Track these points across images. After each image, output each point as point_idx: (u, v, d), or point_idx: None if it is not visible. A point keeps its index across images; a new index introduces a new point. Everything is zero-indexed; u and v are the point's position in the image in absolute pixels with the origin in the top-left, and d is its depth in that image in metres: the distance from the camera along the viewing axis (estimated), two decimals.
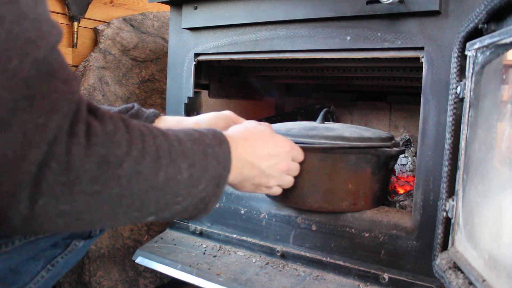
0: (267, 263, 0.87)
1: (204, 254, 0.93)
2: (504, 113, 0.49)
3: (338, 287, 0.77)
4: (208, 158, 0.48)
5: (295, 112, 1.48)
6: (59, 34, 0.37)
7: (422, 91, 0.73)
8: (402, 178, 1.10)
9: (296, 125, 0.84)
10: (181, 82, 1.05)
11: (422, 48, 0.72)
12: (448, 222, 0.61)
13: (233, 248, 0.94)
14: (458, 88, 0.60)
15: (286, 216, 0.87)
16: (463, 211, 0.57)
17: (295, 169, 0.70)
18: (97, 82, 1.27)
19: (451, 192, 0.61)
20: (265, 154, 0.61)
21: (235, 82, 1.30)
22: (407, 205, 0.87)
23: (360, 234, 0.79)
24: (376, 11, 0.75)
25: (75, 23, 1.30)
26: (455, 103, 0.61)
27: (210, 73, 1.17)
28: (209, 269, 0.86)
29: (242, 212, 0.94)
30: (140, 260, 0.95)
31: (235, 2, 0.92)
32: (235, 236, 0.94)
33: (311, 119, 0.98)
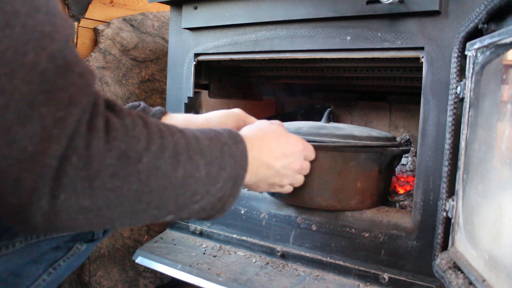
0: (267, 263, 0.87)
1: (204, 254, 0.93)
2: (504, 113, 0.49)
3: (338, 287, 0.77)
4: (225, 156, 0.48)
5: (295, 112, 1.48)
6: (72, 28, 0.37)
7: (422, 91, 0.73)
8: (402, 178, 1.10)
9: (304, 124, 0.84)
10: (181, 82, 1.04)
11: (422, 48, 0.72)
12: (448, 222, 0.61)
13: (233, 248, 0.94)
14: (458, 88, 0.60)
15: (286, 216, 0.87)
16: (463, 211, 0.57)
17: (307, 168, 0.71)
18: (97, 82, 1.27)
19: (451, 192, 0.61)
20: (279, 154, 0.61)
21: (235, 82, 1.30)
22: (407, 205, 0.87)
23: (360, 234, 0.79)
24: (376, 11, 0.75)
25: (75, 23, 1.30)
26: (455, 103, 0.61)
27: (210, 73, 1.17)
28: (209, 269, 0.86)
29: (242, 212, 0.94)
30: (140, 260, 0.95)
31: (235, 2, 0.92)
32: (235, 236, 0.94)
33: (311, 119, 0.98)
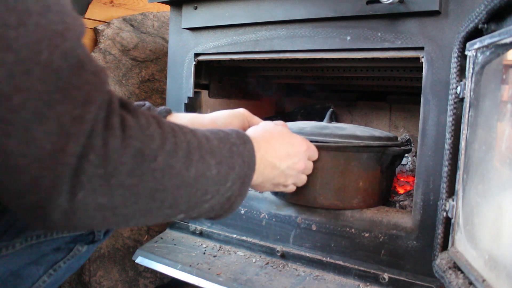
0: (267, 263, 0.87)
1: (204, 254, 0.93)
2: (504, 113, 0.49)
3: (338, 287, 0.77)
4: (234, 156, 0.49)
5: (295, 112, 1.48)
6: (82, 27, 0.37)
7: (422, 91, 0.73)
8: (402, 178, 1.10)
9: (307, 124, 0.85)
10: (181, 82, 1.04)
11: (422, 48, 0.72)
12: (448, 222, 0.61)
13: (233, 248, 0.94)
14: (458, 88, 0.60)
15: (286, 216, 0.87)
16: (463, 211, 0.57)
17: (310, 167, 0.72)
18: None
19: (451, 192, 0.61)
20: (284, 154, 0.63)
21: (235, 82, 1.30)
22: (407, 205, 0.87)
23: (360, 234, 0.79)
24: (376, 11, 0.75)
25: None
26: (455, 103, 0.61)
27: (210, 73, 1.17)
28: (209, 269, 0.86)
29: (242, 212, 0.94)
30: (140, 260, 0.95)
31: (235, 2, 0.92)
32: (235, 236, 0.94)
33: (311, 119, 0.98)
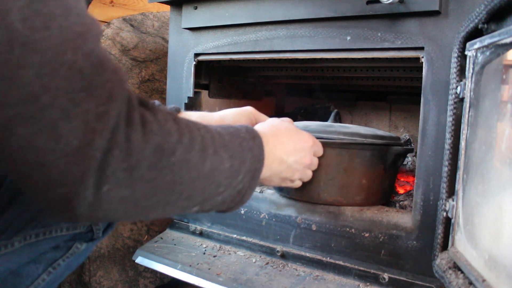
0: (267, 263, 0.87)
1: (204, 254, 0.93)
2: (504, 113, 0.49)
3: (338, 287, 0.77)
4: (244, 150, 0.51)
5: (295, 112, 1.48)
6: (99, 28, 0.39)
7: (422, 91, 0.73)
8: (402, 178, 1.10)
9: (312, 122, 0.87)
10: (181, 82, 1.04)
11: (422, 48, 0.72)
12: (448, 222, 0.61)
13: (233, 248, 0.94)
14: (458, 88, 0.60)
15: (286, 216, 0.87)
16: (463, 211, 0.57)
17: (316, 163, 0.73)
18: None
19: (451, 192, 0.61)
20: (291, 149, 0.64)
21: (235, 82, 1.30)
22: (407, 205, 0.87)
23: (360, 234, 0.79)
24: (376, 11, 0.75)
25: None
26: (455, 103, 0.61)
27: (210, 73, 1.17)
28: (209, 269, 0.86)
29: (242, 212, 0.94)
30: (140, 260, 0.95)
31: (235, 2, 0.92)
32: (235, 236, 0.94)
33: (311, 119, 0.98)
